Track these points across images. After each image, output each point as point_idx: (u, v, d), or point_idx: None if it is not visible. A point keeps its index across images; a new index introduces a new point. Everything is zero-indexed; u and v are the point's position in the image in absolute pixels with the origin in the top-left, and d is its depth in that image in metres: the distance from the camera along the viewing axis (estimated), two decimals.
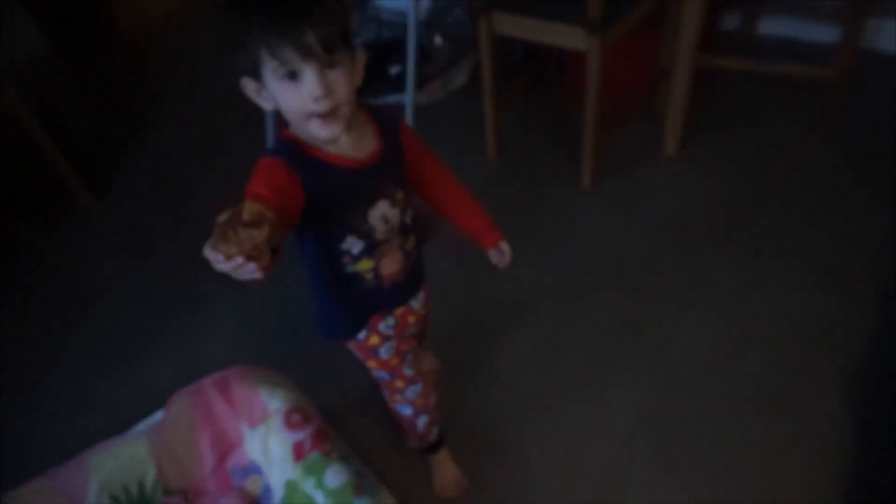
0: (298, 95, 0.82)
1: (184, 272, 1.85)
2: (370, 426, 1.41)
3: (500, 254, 1.13)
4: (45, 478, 1.04)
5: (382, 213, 0.94)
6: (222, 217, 0.72)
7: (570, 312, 1.58)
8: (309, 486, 1.05)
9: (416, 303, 1.10)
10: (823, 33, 2.22)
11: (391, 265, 1.00)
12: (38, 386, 1.63)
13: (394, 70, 1.71)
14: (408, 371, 1.15)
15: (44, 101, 2.02)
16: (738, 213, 1.77)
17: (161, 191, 2.15)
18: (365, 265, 0.98)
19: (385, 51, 1.77)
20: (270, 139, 1.83)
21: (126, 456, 1.08)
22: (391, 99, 1.69)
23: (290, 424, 1.11)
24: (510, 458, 1.34)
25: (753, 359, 1.44)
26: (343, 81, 0.83)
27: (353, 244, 0.94)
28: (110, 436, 1.14)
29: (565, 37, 1.65)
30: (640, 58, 2.07)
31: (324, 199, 0.88)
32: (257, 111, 1.96)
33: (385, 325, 1.07)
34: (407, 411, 1.19)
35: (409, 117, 1.69)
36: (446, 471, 1.29)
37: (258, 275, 0.73)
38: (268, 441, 1.11)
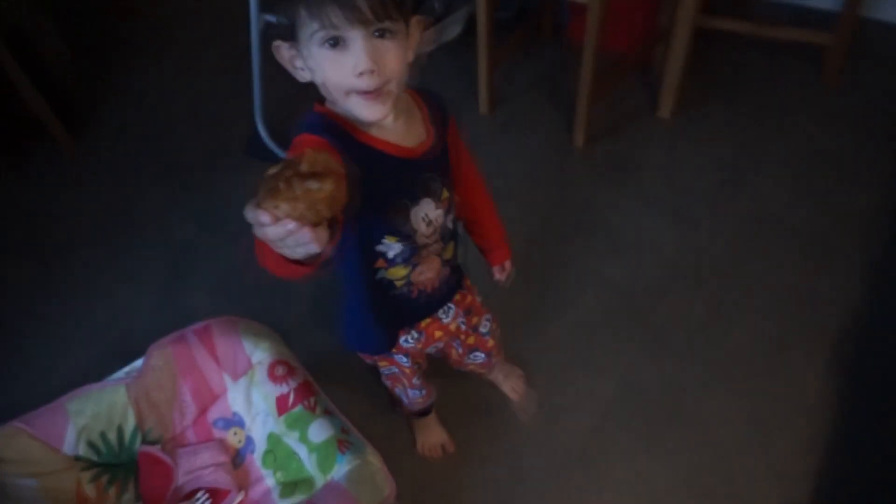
0: (340, 67, 0.70)
1: (165, 219, 1.80)
2: (354, 383, 1.40)
3: (503, 271, 1.09)
4: (23, 421, 1.01)
5: (426, 214, 0.85)
6: (273, 169, 0.55)
7: (555, 274, 1.57)
8: (292, 439, 1.04)
9: (446, 317, 1.03)
10: (823, 0, 2.19)
11: (426, 273, 0.91)
12: (12, 331, 1.59)
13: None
14: (416, 381, 1.13)
15: (19, 35, 1.91)
16: (730, 180, 1.75)
17: (142, 134, 2.07)
18: (398, 272, 0.89)
19: None
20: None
21: (105, 402, 1.05)
22: None
23: (273, 377, 1.09)
24: (494, 419, 1.34)
25: (739, 328, 1.45)
26: (394, 54, 0.71)
27: (391, 247, 0.85)
28: (88, 382, 1.11)
29: None
30: (640, 15, 2.01)
31: (366, 191, 0.74)
32: (243, 55, 1.89)
33: (409, 337, 1.01)
34: (403, 398, 1.19)
35: None
36: (431, 433, 1.29)
37: (312, 246, 0.56)
38: (251, 393, 1.10)
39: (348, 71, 0.70)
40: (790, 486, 1.21)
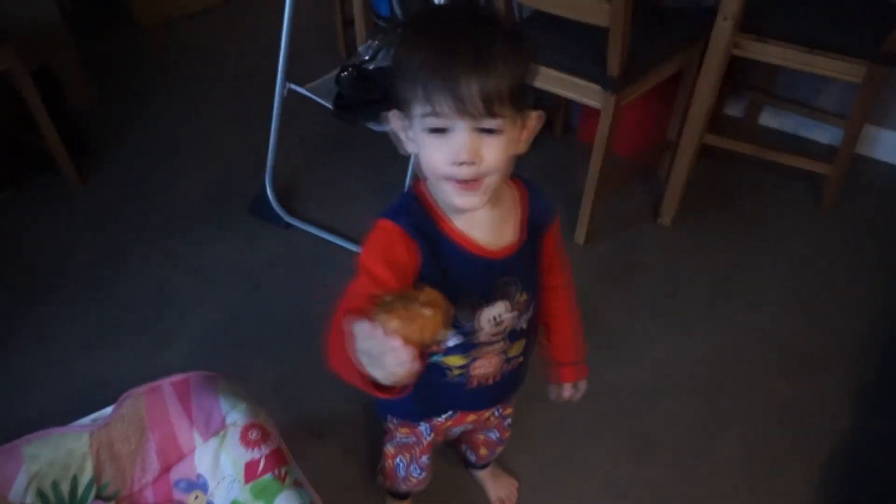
0: (439, 152, 0.69)
1: (157, 268, 1.78)
2: (326, 456, 1.35)
3: (574, 391, 1.02)
4: None
5: (497, 315, 0.81)
6: (389, 297, 0.60)
7: (543, 367, 1.55)
8: None
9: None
10: (823, 134, 2.29)
11: (485, 367, 0.87)
12: None
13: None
14: (425, 459, 1.08)
15: (44, 70, 1.97)
16: (725, 292, 1.76)
17: (149, 184, 2.09)
18: (455, 360, 0.85)
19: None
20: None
21: (64, 449, 1.00)
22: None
23: (246, 441, 1.04)
24: None
25: (727, 442, 1.42)
26: (496, 149, 0.69)
27: (449, 337, 0.81)
28: (52, 425, 1.06)
29: (581, 91, 1.66)
30: (649, 124, 2.09)
31: (435, 277, 0.75)
32: (259, 117, 1.94)
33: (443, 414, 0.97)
34: (398, 472, 1.13)
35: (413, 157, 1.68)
36: None
37: (405, 368, 0.57)
38: (220, 455, 1.04)
39: (446, 157, 0.69)
40: None
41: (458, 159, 0.68)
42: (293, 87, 1.76)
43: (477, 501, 1.29)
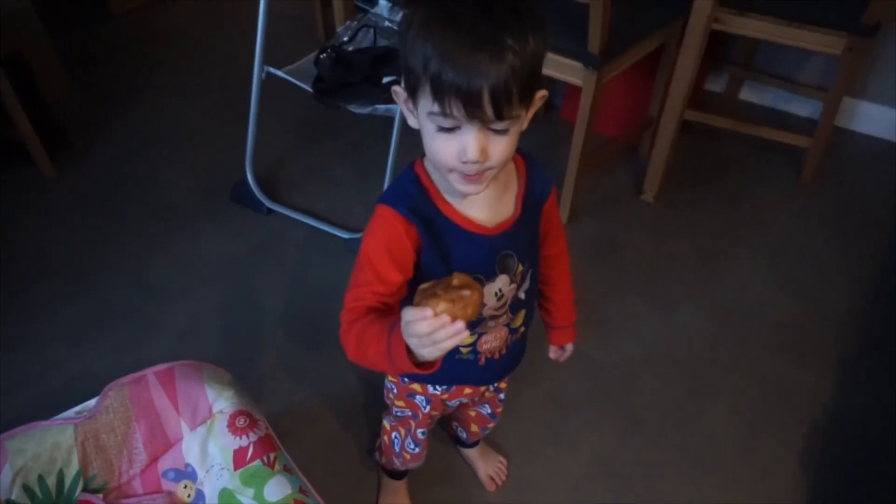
0: (446, 147, 0.69)
1: (139, 262, 1.76)
2: (317, 442, 1.35)
3: (562, 352, 1.08)
4: None
5: (498, 290, 0.83)
6: (425, 284, 0.68)
7: (530, 344, 1.55)
8: (246, 497, 0.98)
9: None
10: (804, 107, 2.30)
11: (491, 342, 0.90)
12: None
13: (387, 80, 1.68)
14: (421, 433, 1.09)
15: (16, 58, 1.92)
16: (708, 266, 1.78)
17: (128, 175, 2.05)
18: (463, 340, 0.88)
19: (380, 59, 1.75)
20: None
21: (49, 443, 0.99)
22: (381, 109, 1.65)
23: (234, 428, 1.04)
24: (459, 488, 1.29)
25: (712, 413, 1.44)
26: (504, 145, 0.69)
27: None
28: (37, 419, 1.05)
29: (563, 69, 1.65)
30: (631, 102, 2.09)
31: (434, 264, 0.78)
32: (239, 103, 1.91)
33: (439, 386, 0.99)
34: (394, 447, 1.14)
35: (397, 131, 1.66)
36: (397, 499, 1.23)
37: (456, 340, 0.65)
38: (208, 444, 1.04)
39: (454, 154, 0.69)
40: None
41: (467, 158, 0.68)
42: (271, 70, 1.74)
43: (467, 479, 1.30)
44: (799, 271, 1.77)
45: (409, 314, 0.65)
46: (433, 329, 0.63)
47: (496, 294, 0.83)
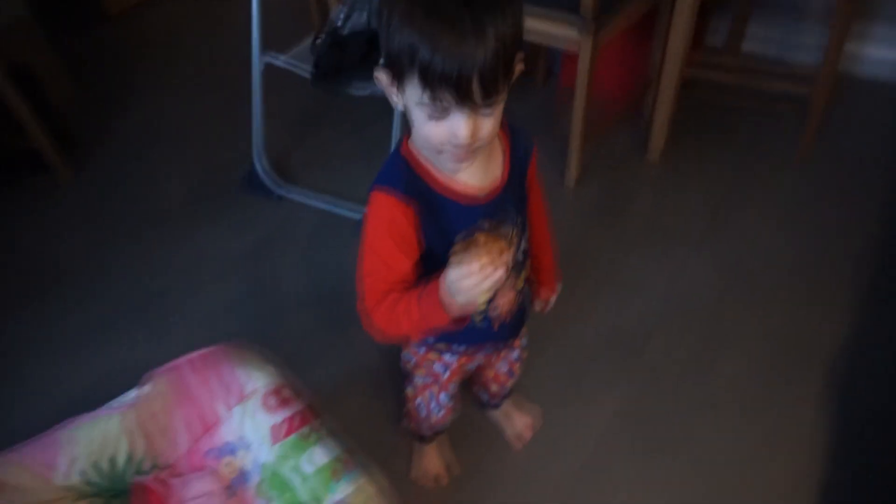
0: (438, 131, 0.72)
1: (154, 260, 1.80)
2: (345, 416, 1.40)
3: (546, 303, 1.14)
4: (15, 451, 1.00)
5: None
6: (457, 247, 0.75)
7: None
8: (287, 469, 1.03)
9: None
10: (806, 54, 2.28)
11: (502, 306, 0.94)
12: (7, 359, 1.58)
13: (382, 61, 1.70)
14: (444, 398, 1.13)
15: (20, 67, 1.95)
16: (716, 222, 1.80)
17: (137, 175, 2.09)
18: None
19: (376, 40, 1.76)
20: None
21: (98, 431, 1.05)
22: (380, 89, 1.68)
23: (267, 406, 1.09)
24: (493, 450, 1.34)
25: (730, 360, 1.48)
26: (492, 122, 0.73)
27: None
28: (81, 412, 1.11)
29: (558, 35, 1.67)
30: (630, 64, 2.09)
31: (434, 238, 0.82)
32: (239, 97, 1.93)
33: (453, 351, 1.04)
34: (421, 412, 1.19)
35: (398, 110, 1.69)
36: (429, 462, 1.29)
37: (499, 281, 0.72)
38: (244, 422, 1.09)
39: (445, 136, 0.72)
40: None
41: (458, 140, 0.71)
42: (270, 59, 1.76)
43: (496, 440, 1.35)
44: (805, 222, 1.79)
45: (454, 273, 0.72)
46: (481, 280, 0.71)
47: None
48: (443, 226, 0.82)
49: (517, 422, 1.35)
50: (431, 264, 0.82)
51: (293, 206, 1.91)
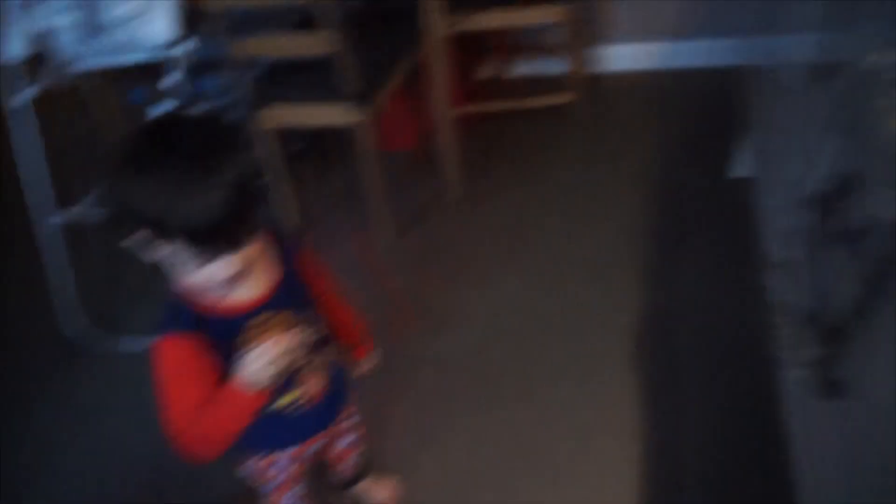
0: (198, 279, 0.79)
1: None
2: None
3: (361, 367, 1.17)
4: None
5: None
6: (250, 332, 0.85)
7: (388, 360, 1.64)
8: None
9: None
10: (558, 67, 2.50)
11: (311, 388, 0.98)
12: None
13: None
14: (298, 490, 1.14)
15: None
16: (520, 235, 1.99)
17: None
18: (287, 399, 0.95)
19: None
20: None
21: None
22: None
23: None
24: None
25: (552, 354, 1.64)
26: (254, 251, 0.82)
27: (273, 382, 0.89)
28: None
29: (332, 118, 1.79)
30: (414, 116, 2.25)
31: (230, 351, 0.84)
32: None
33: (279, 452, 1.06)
34: None
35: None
36: None
37: (292, 345, 0.83)
38: None
39: (208, 281, 0.79)
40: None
41: (228, 277, 0.79)
42: (55, 220, 1.71)
43: None
44: (591, 215, 2.00)
45: (248, 361, 0.81)
46: (275, 353, 0.81)
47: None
48: (232, 339, 0.85)
49: (381, 488, 1.38)
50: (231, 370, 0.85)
51: (130, 357, 1.76)
